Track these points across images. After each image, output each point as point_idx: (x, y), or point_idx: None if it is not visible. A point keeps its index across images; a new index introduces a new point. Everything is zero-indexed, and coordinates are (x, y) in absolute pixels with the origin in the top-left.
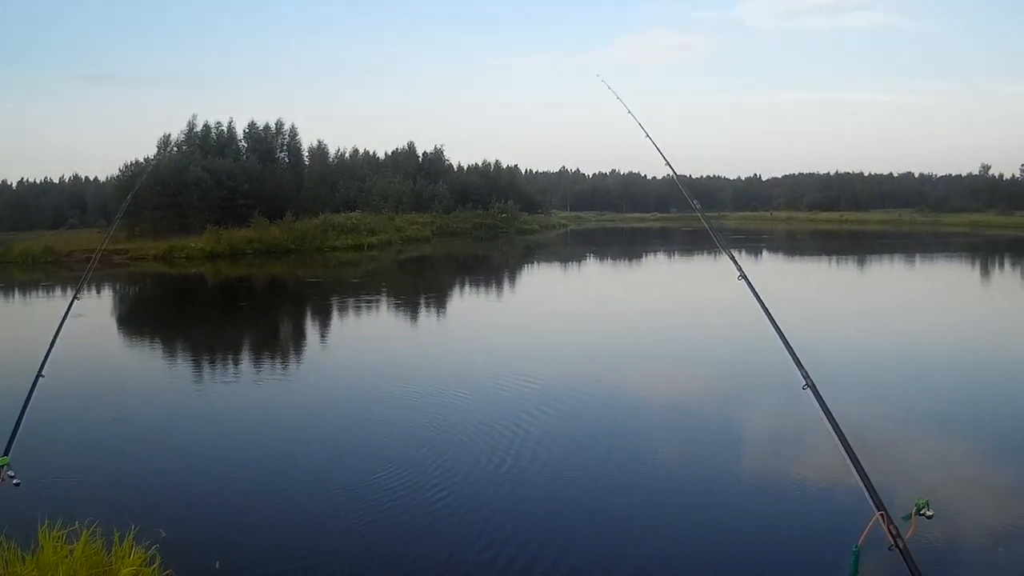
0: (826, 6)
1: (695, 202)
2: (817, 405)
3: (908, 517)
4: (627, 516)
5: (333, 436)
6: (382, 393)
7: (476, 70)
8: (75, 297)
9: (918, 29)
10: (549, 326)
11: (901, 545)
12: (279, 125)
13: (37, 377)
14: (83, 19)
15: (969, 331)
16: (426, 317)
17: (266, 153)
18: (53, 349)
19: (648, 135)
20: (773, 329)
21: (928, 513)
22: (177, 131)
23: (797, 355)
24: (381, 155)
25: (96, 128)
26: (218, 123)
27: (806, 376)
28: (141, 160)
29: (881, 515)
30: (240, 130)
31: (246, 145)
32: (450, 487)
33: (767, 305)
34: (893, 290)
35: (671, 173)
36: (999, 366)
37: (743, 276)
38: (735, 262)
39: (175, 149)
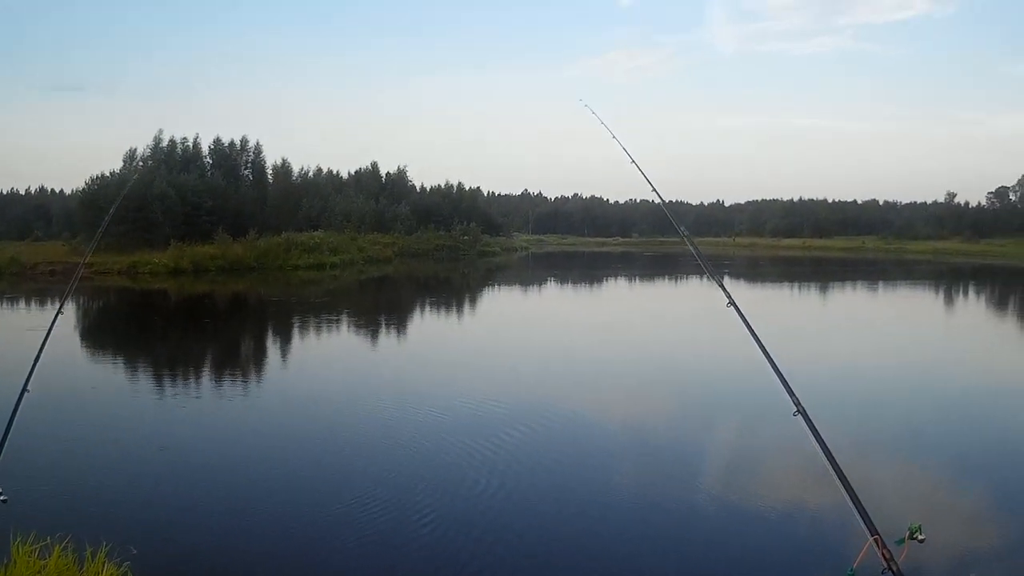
0: (793, 31)
1: (682, 228)
2: (808, 431)
3: (901, 541)
4: (619, 541)
5: (301, 456)
6: (352, 413)
7: (438, 91)
8: (59, 312)
9: (885, 55)
10: (512, 351)
11: (895, 569)
12: (244, 142)
13: (23, 392)
14: (52, 31)
15: (939, 356)
16: (387, 339)
17: (231, 170)
18: (38, 364)
19: (633, 160)
20: (762, 355)
21: (920, 537)
22: (143, 145)
23: (787, 381)
24: (344, 174)
25: (63, 140)
26: (184, 138)
27: (797, 403)
28: (107, 173)
29: (875, 539)
30: (206, 146)
31: (211, 161)
32: (423, 509)
33: (756, 332)
34: (857, 317)
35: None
36: (979, 392)
37: (732, 303)
38: (724, 290)
39: (141, 163)
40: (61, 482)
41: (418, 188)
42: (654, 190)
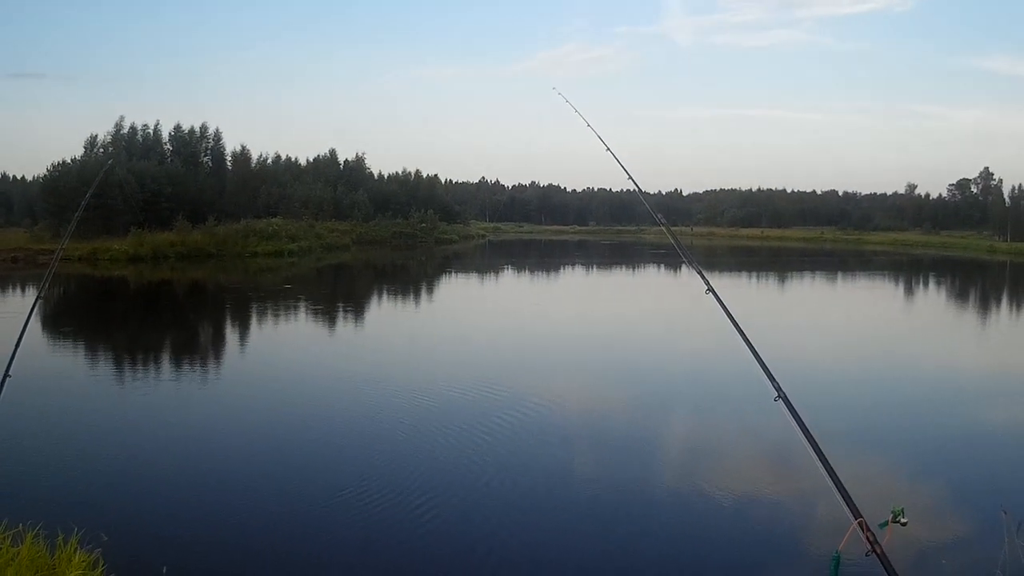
0: (750, 23)
1: (660, 216)
2: (790, 416)
3: (884, 524)
4: (605, 530)
5: (266, 445)
6: (319, 403)
7: (399, 79)
8: (39, 297)
9: (843, 48)
10: (480, 340)
11: (879, 551)
12: (204, 129)
13: (4, 377)
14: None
15: (906, 347)
16: (344, 327)
17: (191, 157)
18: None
19: (609, 148)
20: (742, 342)
21: (903, 520)
22: (104, 132)
23: (768, 367)
24: (303, 161)
25: (23, 127)
26: (144, 125)
27: (778, 388)
28: (68, 160)
29: (859, 523)
30: (166, 133)
31: (171, 148)
32: (387, 496)
33: (735, 318)
34: (821, 307)
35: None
36: (937, 378)
37: (711, 290)
38: (703, 277)
39: (102, 150)
40: (31, 469)
41: (376, 176)
42: (630, 178)
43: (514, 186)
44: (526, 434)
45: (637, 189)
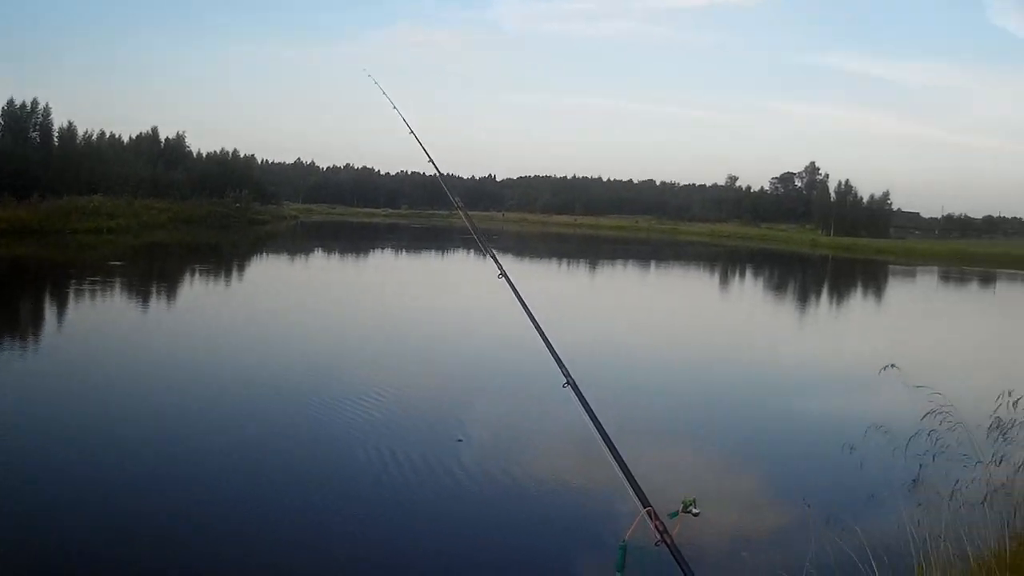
0: (582, 12)
1: (457, 200)
2: (578, 402)
3: (675, 514)
4: (383, 522)
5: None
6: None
7: (223, 56)
8: None
9: (672, 39)
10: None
11: (668, 541)
12: (35, 104)
13: None
14: None
15: (706, 336)
16: (159, 306)
17: (20, 132)
18: None
19: (413, 131)
20: (532, 327)
21: (695, 511)
22: None
23: (557, 353)
24: (126, 139)
25: None
26: None
27: (567, 374)
28: None
29: (647, 511)
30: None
31: (2, 123)
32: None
33: (527, 303)
34: (621, 295)
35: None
36: (745, 372)
37: (503, 275)
38: (496, 261)
39: None
40: None
41: (195, 155)
42: (430, 160)
43: (329, 168)
44: (299, 431)
45: (437, 172)
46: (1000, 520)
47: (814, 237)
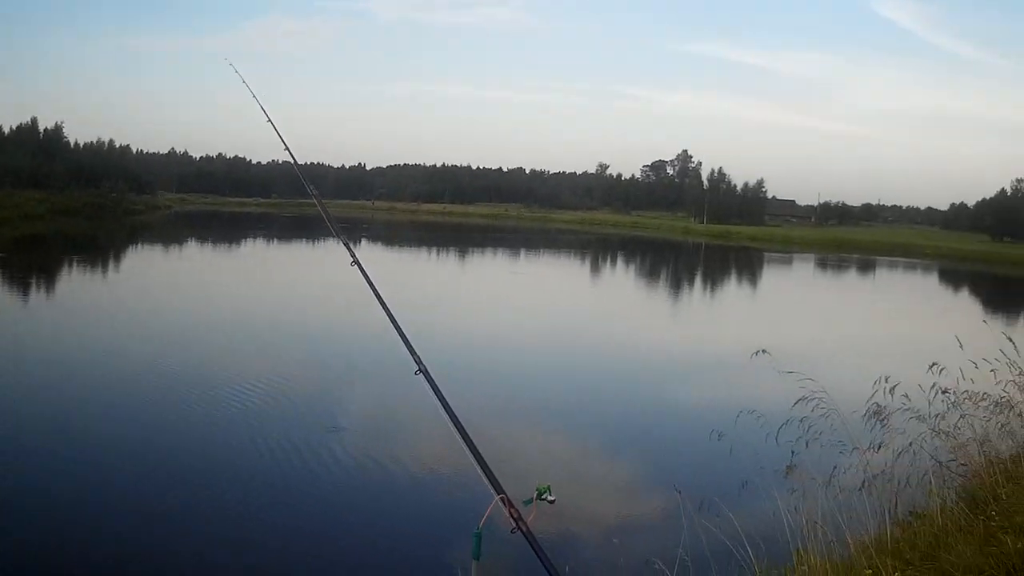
0: (456, 1)
1: (312, 188)
2: (430, 389)
3: (529, 501)
4: (221, 513)
5: None
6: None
7: (102, 47)
8: None
9: (546, 28)
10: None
11: (524, 528)
12: None
13: None
14: None
15: (568, 325)
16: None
17: None
18: None
19: (270, 119)
20: (385, 315)
21: (550, 498)
22: None
23: (409, 340)
24: (7, 130)
25: None
26: None
27: (418, 360)
28: None
29: (501, 498)
30: None
31: None
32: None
33: (379, 291)
34: (487, 283)
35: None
36: (613, 360)
37: (356, 263)
38: (349, 248)
39: None
40: None
41: (72, 145)
42: (287, 148)
43: (202, 157)
44: (173, 429)
45: (293, 160)
46: (879, 506)
47: (687, 225)
